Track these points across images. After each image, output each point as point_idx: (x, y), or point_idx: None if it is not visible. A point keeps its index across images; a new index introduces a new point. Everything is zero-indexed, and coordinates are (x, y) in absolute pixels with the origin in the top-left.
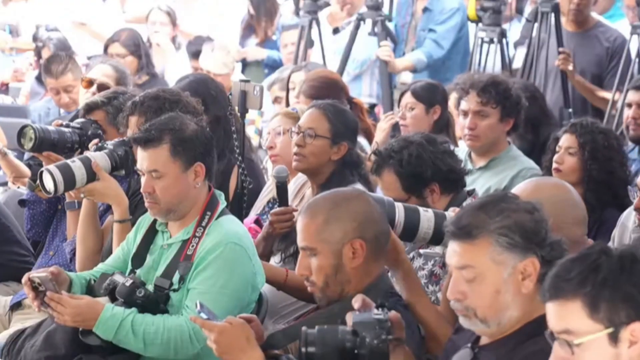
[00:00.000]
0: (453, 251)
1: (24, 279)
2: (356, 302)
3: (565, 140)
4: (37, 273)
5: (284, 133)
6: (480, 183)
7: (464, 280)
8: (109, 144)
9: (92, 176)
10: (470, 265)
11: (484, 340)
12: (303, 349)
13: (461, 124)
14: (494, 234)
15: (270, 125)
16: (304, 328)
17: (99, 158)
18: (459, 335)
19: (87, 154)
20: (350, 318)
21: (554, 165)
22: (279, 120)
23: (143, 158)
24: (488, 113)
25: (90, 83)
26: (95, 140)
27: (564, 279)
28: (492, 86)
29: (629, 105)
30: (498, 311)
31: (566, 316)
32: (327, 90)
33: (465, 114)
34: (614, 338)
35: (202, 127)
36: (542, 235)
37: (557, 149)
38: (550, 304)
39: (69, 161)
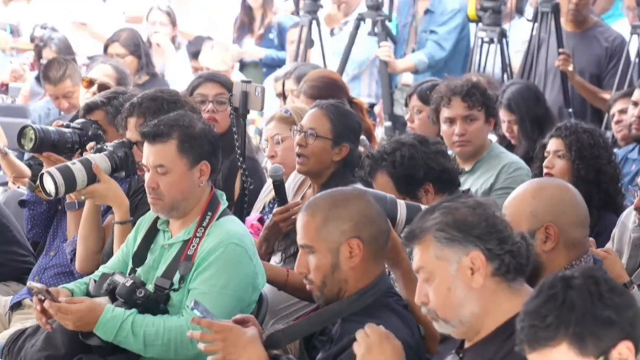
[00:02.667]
0: (413, 257)
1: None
2: None
3: (553, 144)
4: (34, 283)
5: (282, 141)
6: (467, 186)
7: (424, 282)
8: (109, 146)
9: (92, 178)
10: (421, 266)
11: (468, 344)
12: None
13: (446, 132)
14: (432, 230)
15: (267, 132)
16: None
17: (99, 160)
18: (445, 345)
19: (87, 155)
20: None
21: (545, 170)
22: (275, 127)
23: (150, 153)
24: (475, 116)
25: (90, 83)
26: (92, 144)
27: (541, 327)
28: (475, 89)
29: (635, 104)
30: (454, 309)
31: None
32: (328, 90)
33: (452, 121)
34: None
35: (210, 127)
36: (482, 228)
37: (545, 154)
38: (533, 355)
39: (69, 163)
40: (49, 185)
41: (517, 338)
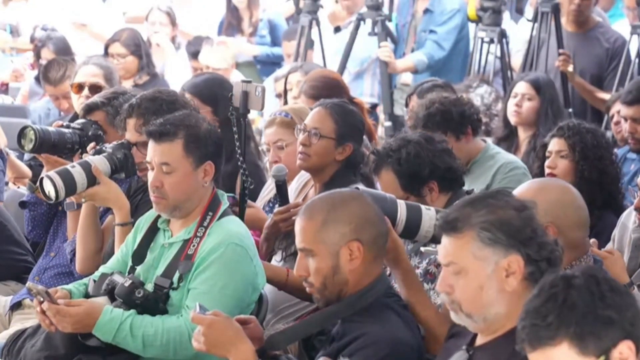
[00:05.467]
0: (442, 246)
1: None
2: None
3: (555, 144)
4: (34, 285)
5: (286, 146)
6: (465, 187)
7: (451, 274)
8: (108, 147)
9: (92, 181)
10: (451, 261)
11: (479, 342)
12: None
13: None
14: (476, 227)
15: (268, 137)
16: None
17: (99, 162)
18: (452, 341)
19: (86, 158)
20: None
21: (547, 170)
22: (277, 132)
23: (155, 151)
24: None
25: (80, 87)
26: (92, 144)
27: (542, 326)
28: (430, 120)
29: (625, 119)
30: (482, 307)
31: None
32: (328, 90)
33: None
34: None
35: (214, 127)
36: (527, 233)
37: (547, 154)
38: (534, 354)
39: (69, 166)
40: (49, 189)
41: (518, 337)
